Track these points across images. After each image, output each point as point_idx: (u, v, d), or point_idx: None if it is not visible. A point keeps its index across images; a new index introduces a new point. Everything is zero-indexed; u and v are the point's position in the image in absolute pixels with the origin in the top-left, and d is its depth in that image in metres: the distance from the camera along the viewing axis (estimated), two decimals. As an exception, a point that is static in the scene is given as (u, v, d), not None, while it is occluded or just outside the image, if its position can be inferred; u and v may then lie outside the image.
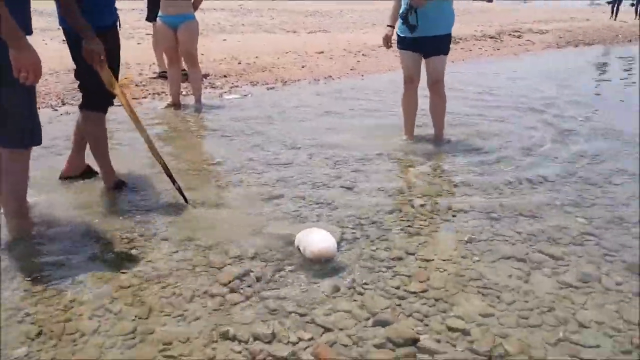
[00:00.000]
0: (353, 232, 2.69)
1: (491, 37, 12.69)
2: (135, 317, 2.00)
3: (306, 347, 1.84)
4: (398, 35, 4.02)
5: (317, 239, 2.34)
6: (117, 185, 3.16)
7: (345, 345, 1.85)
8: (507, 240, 2.63)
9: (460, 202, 3.09)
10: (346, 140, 4.32)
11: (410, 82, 4.14)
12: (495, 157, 3.94)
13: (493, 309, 2.08)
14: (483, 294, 2.18)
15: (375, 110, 5.49)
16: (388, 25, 4.08)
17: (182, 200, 3.00)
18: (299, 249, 2.42)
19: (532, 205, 3.04)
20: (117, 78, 2.90)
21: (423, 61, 4.05)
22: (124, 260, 2.39)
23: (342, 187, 3.32)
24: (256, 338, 1.89)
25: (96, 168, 3.27)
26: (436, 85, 4.06)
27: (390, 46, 4.09)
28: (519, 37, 13.30)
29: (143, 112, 5.27)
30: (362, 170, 3.63)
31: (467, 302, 2.12)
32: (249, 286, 2.21)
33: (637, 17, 23.25)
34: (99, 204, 3.02)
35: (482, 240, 2.62)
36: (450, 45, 4.06)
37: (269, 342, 1.87)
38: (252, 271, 2.31)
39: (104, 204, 3.03)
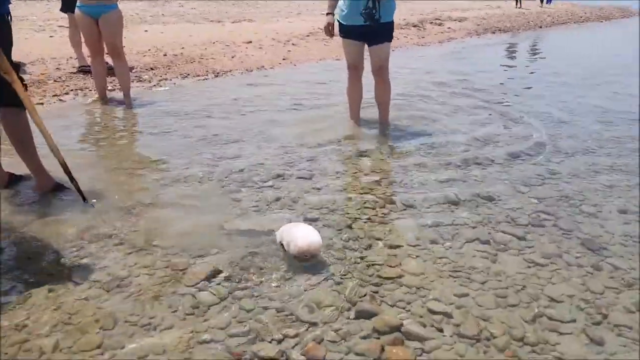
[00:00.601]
0: (319, 223, 2.62)
1: (414, 26, 12.98)
2: (100, 329, 1.83)
3: (294, 346, 1.76)
4: (341, 24, 3.97)
5: (301, 234, 2.24)
6: (56, 188, 2.89)
7: (333, 342, 1.79)
8: (467, 224, 2.67)
9: (417, 187, 3.11)
10: (293, 130, 4.24)
11: (355, 69, 4.13)
12: (441, 140, 4.01)
13: (468, 290, 2.10)
14: (455, 277, 2.19)
15: (316, 99, 5.43)
16: (328, 13, 4.02)
17: (130, 202, 2.79)
18: (281, 245, 2.31)
19: (487, 187, 3.12)
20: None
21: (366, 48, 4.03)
22: (77, 270, 2.18)
23: (298, 177, 3.24)
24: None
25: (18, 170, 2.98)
26: (381, 71, 4.06)
27: (333, 35, 4.04)
28: (440, 25, 13.72)
29: (68, 110, 4.89)
30: (315, 159, 3.56)
31: (443, 285, 2.12)
32: (219, 285, 2.09)
33: (542, 4, 24.82)
34: (38, 211, 2.74)
35: (447, 225, 2.64)
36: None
37: (253, 343, 1.77)
38: (220, 271, 2.18)
39: (43, 210, 2.75)
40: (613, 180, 3.25)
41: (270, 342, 1.78)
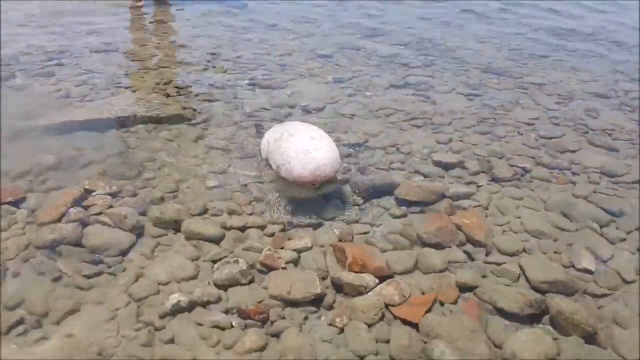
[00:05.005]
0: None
1: None
2: None
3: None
4: None
5: (299, 151, 1.15)
6: None
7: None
8: (363, 72, 2.13)
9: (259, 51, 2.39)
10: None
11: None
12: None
13: (445, 136, 1.64)
14: (420, 126, 1.69)
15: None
16: None
17: None
18: (268, 163, 1.26)
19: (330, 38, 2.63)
20: None
21: None
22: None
23: (94, 51, 2.10)
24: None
25: None
26: None
27: None
28: None
29: None
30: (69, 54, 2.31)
31: (416, 137, 1.61)
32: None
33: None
34: None
35: (347, 79, 2.06)
36: None
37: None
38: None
39: None
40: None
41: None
